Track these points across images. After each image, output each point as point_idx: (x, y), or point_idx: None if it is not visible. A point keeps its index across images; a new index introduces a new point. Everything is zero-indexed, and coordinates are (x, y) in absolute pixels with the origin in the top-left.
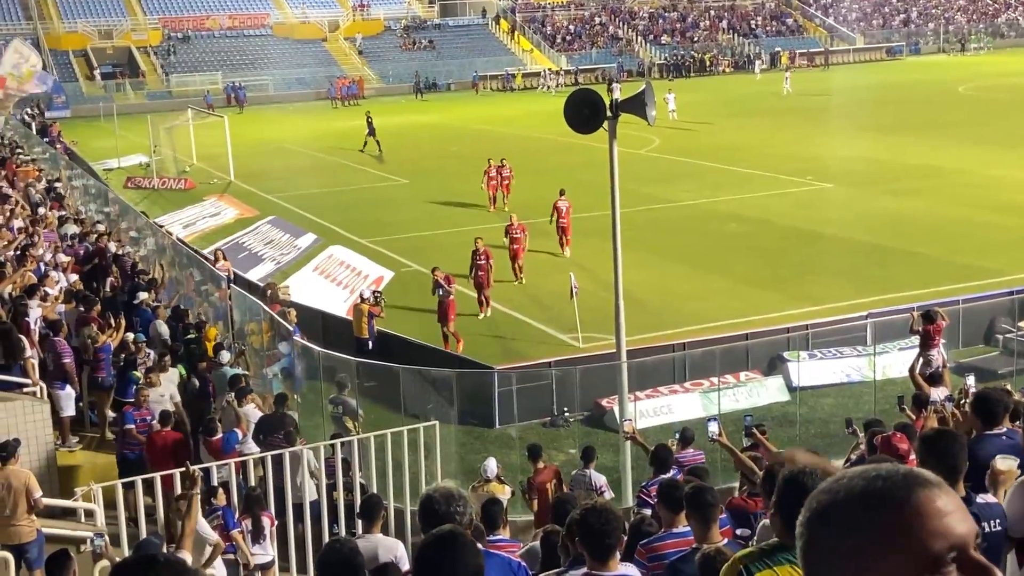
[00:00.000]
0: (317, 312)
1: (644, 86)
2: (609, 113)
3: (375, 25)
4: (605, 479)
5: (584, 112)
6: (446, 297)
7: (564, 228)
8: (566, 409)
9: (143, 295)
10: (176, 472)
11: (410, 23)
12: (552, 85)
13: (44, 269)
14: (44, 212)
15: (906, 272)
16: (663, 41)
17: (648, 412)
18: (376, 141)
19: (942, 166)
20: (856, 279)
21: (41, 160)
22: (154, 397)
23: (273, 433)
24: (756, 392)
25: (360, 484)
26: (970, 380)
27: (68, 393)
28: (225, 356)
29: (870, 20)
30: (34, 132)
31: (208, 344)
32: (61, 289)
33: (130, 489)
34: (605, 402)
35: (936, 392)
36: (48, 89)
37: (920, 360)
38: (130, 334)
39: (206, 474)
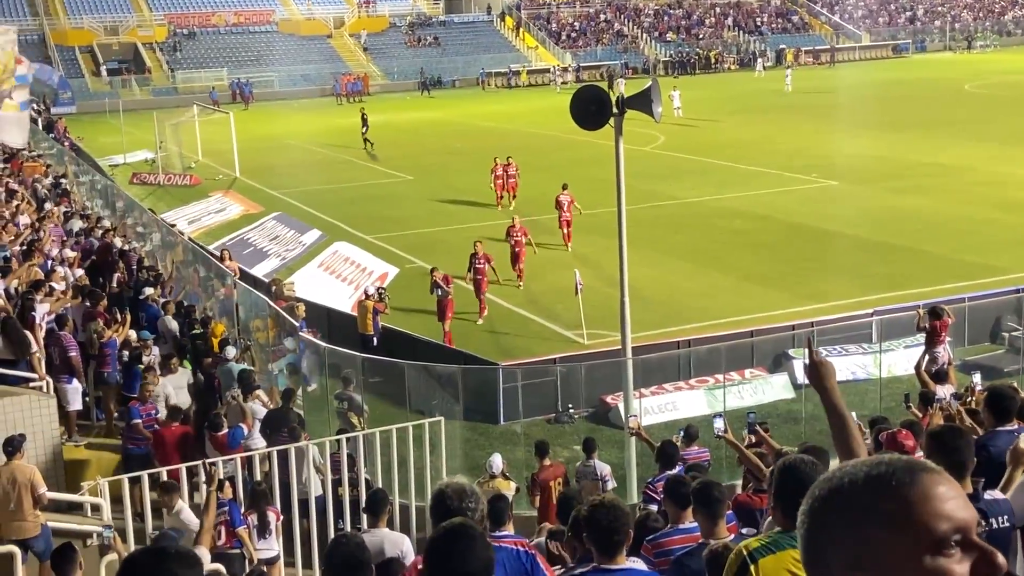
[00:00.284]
0: (323, 308)
1: (650, 83)
2: (615, 110)
3: (380, 22)
4: (609, 468)
5: (591, 109)
6: (444, 297)
7: (567, 222)
8: (571, 406)
9: (149, 291)
10: (182, 467)
11: (415, 20)
12: (559, 82)
13: (50, 264)
14: (50, 208)
15: (911, 270)
16: (668, 38)
17: (653, 409)
18: (364, 139)
19: (948, 164)
20: (861, 276)
21: (47, 156)
22: (163, 395)
23: (278, 429)
24: (761, 389)
25: (365, 480)
26: (976, 378)
27: (75, 387)
28: (231, 352)
29: (876, 18)
30: (40, 128)
31: (214, 340)
32: (69, 284)
33: (136, 484)
34: (610, 399)
35: (942, 389)
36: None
37: (926, 357)
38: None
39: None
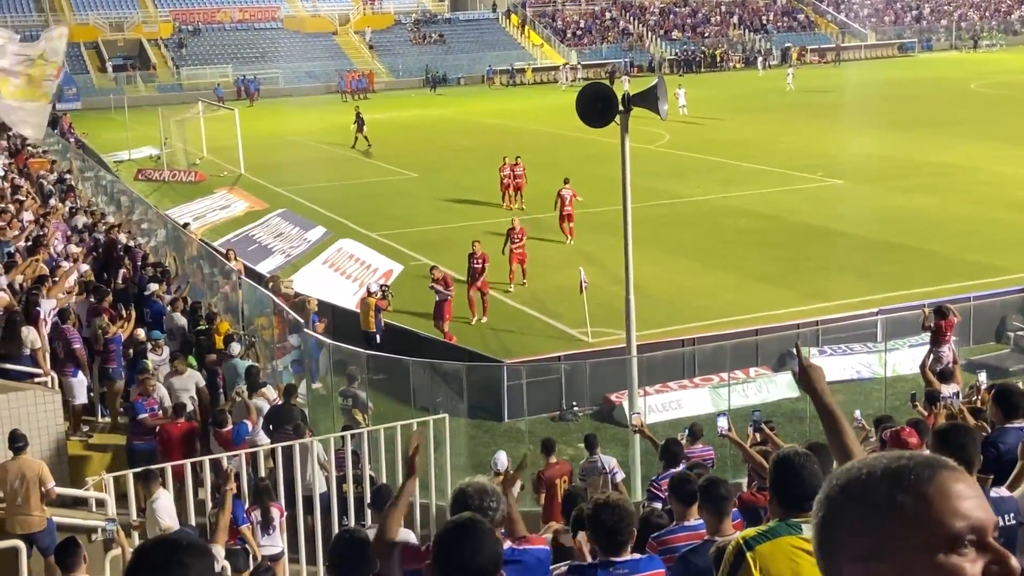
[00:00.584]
0: (327, 305)
1: (656, 81)
2: (621, 108)
3: (385, 19)
4: (615, 460)
5: (596, 107)
6: (443, 300)
7: (568, 216)
8: (575, 403)
9: (154, 287)
10: (187, 463)
11: (420, 17)
12: (566, 80)
13: (55, 260)
14: (55, 203)
15: (916, 269)
16: (674, 36)
17: (657, 407)
18: (355, 137)
19: (953, 163)
20: (866, 275)
21: (53, 152)
22: (179, 385)
23: (282, 425)
24: (766, 388)
25: (369, 476)
26: (982, 377)
27: (80, 380)
28: (236, 348)
29: (882, 16)
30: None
31: (218, 337)
32: (76, 280)
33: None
34: (614, 397)
35: (947, 388)
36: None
37: (931, 356)
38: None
39: (216, 465)
